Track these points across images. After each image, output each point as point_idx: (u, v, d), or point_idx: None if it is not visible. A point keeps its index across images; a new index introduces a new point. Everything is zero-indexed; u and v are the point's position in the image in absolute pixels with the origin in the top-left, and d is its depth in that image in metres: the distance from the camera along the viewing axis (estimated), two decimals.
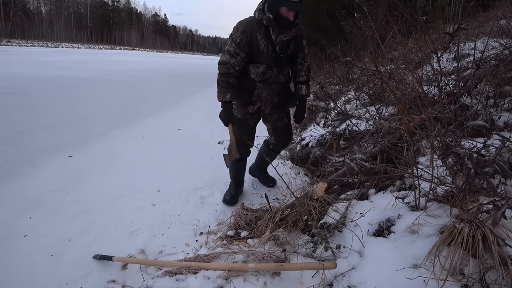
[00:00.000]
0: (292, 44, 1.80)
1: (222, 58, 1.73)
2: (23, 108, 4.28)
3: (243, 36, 1.69)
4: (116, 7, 69.44)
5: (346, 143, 2.51)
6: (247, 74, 1.81)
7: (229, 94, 1.72)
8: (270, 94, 1.88)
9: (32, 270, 1.36)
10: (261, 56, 1.74)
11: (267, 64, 1.77)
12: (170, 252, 1.56)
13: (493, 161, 0.90)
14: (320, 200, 1.58)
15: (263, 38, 1.71)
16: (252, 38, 1.70)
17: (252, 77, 1.81)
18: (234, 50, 1.69)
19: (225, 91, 1.72)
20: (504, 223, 0.99)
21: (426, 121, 1.46)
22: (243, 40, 1.69)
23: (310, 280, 1.19)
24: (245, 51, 1.71)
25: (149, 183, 2.27)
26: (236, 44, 1.69)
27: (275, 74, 1.81)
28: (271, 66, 1.78)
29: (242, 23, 1.73)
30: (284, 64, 1.84)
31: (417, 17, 2.51)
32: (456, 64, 2.48)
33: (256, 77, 1.80)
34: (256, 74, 1.79)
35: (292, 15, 1.65)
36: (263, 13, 1.68)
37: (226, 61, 1.71)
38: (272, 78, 1.82)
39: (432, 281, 0.93)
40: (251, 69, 1.79)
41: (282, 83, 1.89)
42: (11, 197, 1.95)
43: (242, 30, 1.70)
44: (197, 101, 6.30)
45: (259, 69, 1.77)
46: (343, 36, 4.99)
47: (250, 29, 1.70)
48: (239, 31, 1.71)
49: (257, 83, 1.83)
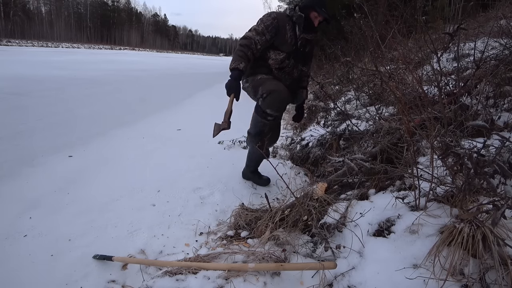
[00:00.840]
0: (309, 47, 2.00)
1: (248, 33, 1.84)
2: (23, 108, 4.28)
3: (274, 21, 1.85)
4: (116, 7, 69.45)
5: (346, 143, 2.51)
6: (265, 60, 1.94)
7: (243, 63, 1.75)
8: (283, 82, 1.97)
9: (32, 270, 1.36)
10: (284, 45, 1.90)
11: (287, 53, 1.92)
12: (170, 252, 1.56)
13: (493, 161, 0.90)
14: (320, 200, 1.58)
15: (289, 30, 1.89)
16: (281, 26, 1.87)
17: (269, 63, 1.93)
18: (262, 30, 1.83)
19: (240, 60, 1.76)
20: (504, 223, 0.99)
21: (426, 121, 1.46)
22: (273, 24, 1.85)
23: (310, 280, 1.19)
24: (271, 34, 1.84)
25: (149, 183, 2.27)
26: (265, 25, 1.84)
27: (291, 65, 1.97)
28: (290, 57, 1.93)
29: (275, 12, 1.94)
30: (301, 60, 2.00)
31: (417, 17, 2.52)
32: (456, 64, 2.48)
33: (274, 64, 1.93)
34: (275, 60, 1.92)
35: (317, 21, 1.88)
36: (294, 11, 1.89)
37: (250, 37, 1.81)
38: (288, 68, 1.97)
39: (432, 281, 0.93)
40: (271, 55, 1.92)
41: (293, 78, 2.04)
42: (11, 197, 1.95)
43: (274, 16, 1.88)
44: (197, 101, 6.30)
45: (279, 56, 1.91)
46: (343, 36, 4.99)
47: (281, 18, 1.89)
48: (271, 17, 1.88)
49: (273, 69, 1.95)
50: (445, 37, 2.58)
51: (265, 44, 1.85)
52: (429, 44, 2.22)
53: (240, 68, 1.74)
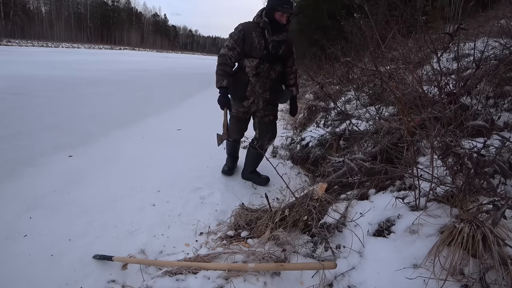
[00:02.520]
0: (283, 46, 2.08)
1: (222, 51, 2.05)
2: (23, 108, 4.28)
3: (240, 34, 2.02)
4: (116, 7, 69.39)
5: (346, 143, 2.52)
6: (243, 68, 2.10)
7: (225, 81, 2.01)
8: (262, 88, 2.13)
9: (32, 270, 1.36)
10: (255, 51, 2.03)
11: (259, 59, 2.05)
12: (170, 252, 1.56)
13: (493, 161, 0.89)
14: (320, 200, 1.58)
15: (257, 36, 2.02)
16: (247, 35, 2.01)
17: (246, 71, 2.09)
18: (232, 45, 2.02)
19: (222, 78, 2.01)
20: (504, 223, 0.99)
21: (426, 121, 1.46)
22: (239, 36, 2.02)
23: (310, 280, 1.19)
24: (240, 46, 2.02)
25: (149, 183, 2.27)
26: (233, 40, 2.02)
27: (266, 69, 2.08)
28: (263, 61, 2.06)
29: (241, 24, 2.06)
30: (275, 61, 2.10)
31: (417, 17, 2.51)
32: (456, 64, 2.48)
33: (250, 71, 2.08)
34: (250, 67, 2.07)
35: (284, 19, 1.96)
36: (261, 17, 2.00)
37: (224, 53, 2.03)
38: (264, 73, 2.09)
39: (432, 281, 0.93)
40: (246, 63, 2.08)
41: (273, 79, 2.15)
42: (11, 197, 1.95)
43: (240, 28, 2.03)
44: (197, 101, 6.30)
45: (253, 63, 2.06)
46: (343, 36, 4.99)
47: (247, 28, 2.03)
48: (237, 30, 2.04)
49: (250, 78, 2.09)
50: (445, 37, 2.58)
51: (238, 56, 2.05)
52: (429, 44, 2.21)
53: (224, 85, 2.01)
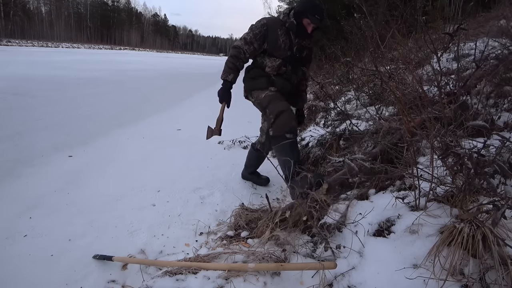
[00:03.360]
0: (306, 52, 1.96)
1: (237, 42, 1.87)
2: (23, 108, 4.28)
3: (263, 29, 1.83)
4: (116, 7, 69.43)
5: (346, 143, 2.51)
6: (262, 68, 1.92)
7: (232, 75, 1.86)
8: (283, 89, 1.96)
9: (32, 270, 1.36)
10: (278, 50, 1.86)
11: (283, 60, 1.88)
12: (170, 252, 1.56)
13: (493, 161, 0.90)
14: (320, 200, 1.58)
15: (282, 35, 1.84)
16: (271, 32, 1.83)
17: (267, 71, 1.91)
18: (250, 39, 1.83)
19: (229, 72, 1.86)
20: (504, 223, 0.99)
21: (426, 121, 1.46)
22: (261, 32, 1.83)
23: (310, 280, 1.19)
24: (259, 43, 1.84)
25: (149, 183, 2.27)
26: (253, 34, 1.83)
27: (289, 72, 1.93)
28: (287, 63, 1.89)
29: (266, 18, 1.89)
30: (298, 65, 1.95)
31: (417, 17, 2.52)
32: (456, 64, 2.48)
33: (271, 71, 1.91)
34: (272, 67, 1.89)
35: (311, 28, 1.82)
36: (288, 17, 1.85)
37: (239, 46, 1.84)
38: (286, 75, 1.93)
39: (432, 281, 0.93)
40: (267, 62, 1.89)
41: (293, 84, 2.00)
42: (11, 197, 1.95)
43: (264, 23, 1.85)
44: (197, 101, 6.30)
45: (275, 63, 1.88)
46: (343, 36, 4.99)
47: (272, 24, 1.85)
48: (261, 24, 1.85)
49: (271, 76, 1.92)
50: (445, 37, 2.58)
51: (254, 53, 1.88)
52: (429, 44, 2.22)
53: (229, 80, 1.86)
